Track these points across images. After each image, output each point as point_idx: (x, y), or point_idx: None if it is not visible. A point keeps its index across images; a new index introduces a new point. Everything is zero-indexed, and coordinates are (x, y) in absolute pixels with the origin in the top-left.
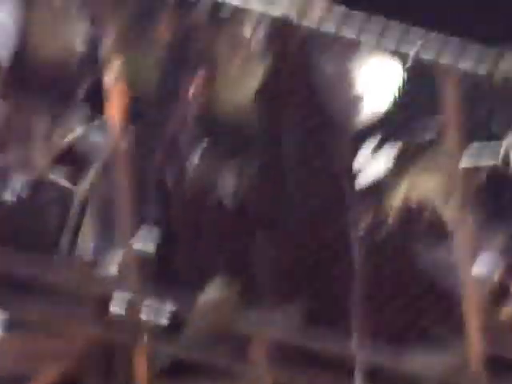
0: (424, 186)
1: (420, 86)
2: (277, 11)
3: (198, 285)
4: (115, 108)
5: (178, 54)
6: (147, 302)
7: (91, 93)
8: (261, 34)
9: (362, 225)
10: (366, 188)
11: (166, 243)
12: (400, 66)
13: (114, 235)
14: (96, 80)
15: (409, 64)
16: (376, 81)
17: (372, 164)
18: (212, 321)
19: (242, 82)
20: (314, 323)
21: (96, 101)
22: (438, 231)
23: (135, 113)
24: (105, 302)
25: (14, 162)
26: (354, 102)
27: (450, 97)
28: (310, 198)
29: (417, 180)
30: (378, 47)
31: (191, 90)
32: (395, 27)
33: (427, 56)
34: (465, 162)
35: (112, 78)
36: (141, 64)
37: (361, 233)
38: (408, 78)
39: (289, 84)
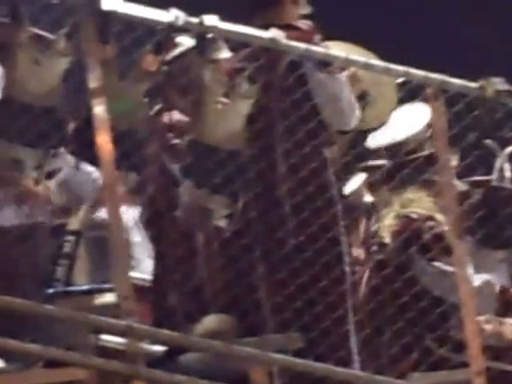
0: (418, 202)
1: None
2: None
3: (194, 315)
4: (104, 144)
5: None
6: (145, 330)
7: (77, 132)
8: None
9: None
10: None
11: (161, 273)
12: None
13: (109, 265)
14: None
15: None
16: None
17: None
18: (211, 348)
19: (232, 110)
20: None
21: (82, 140)
22: (438, 248)
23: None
24: (102, 331)
25: None
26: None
27: (437, 112)
28: (304, 224)
29: (410, 196)
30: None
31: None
32: None
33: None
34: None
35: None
36: (127, 99)
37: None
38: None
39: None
